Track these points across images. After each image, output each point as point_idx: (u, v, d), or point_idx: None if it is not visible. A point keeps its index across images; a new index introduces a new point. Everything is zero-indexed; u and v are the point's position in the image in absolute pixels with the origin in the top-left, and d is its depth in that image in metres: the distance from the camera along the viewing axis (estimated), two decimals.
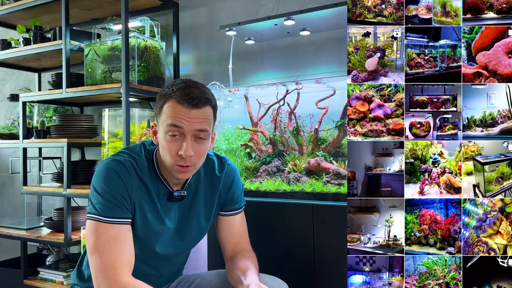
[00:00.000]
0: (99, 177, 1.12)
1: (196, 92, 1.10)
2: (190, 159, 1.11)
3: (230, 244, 1.32)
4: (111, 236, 1.07)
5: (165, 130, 1.10)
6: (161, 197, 1.19)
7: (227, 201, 1.32)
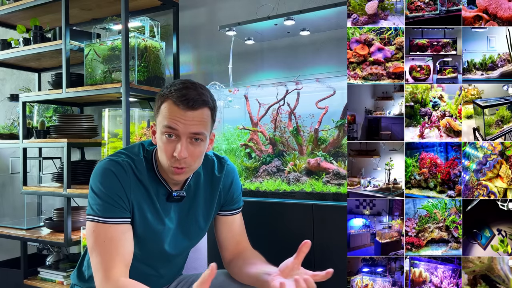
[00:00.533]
0: (96, 177, 1.12)
1: (193, 94, 1.08)
2: (185, 160, 1.10)
3: (231, 244, 1.31)
4: (107, 236, 1.07)
5: (162, 131, 1.10)
6: (160, 197, 1.19)
7: (226, 201, 1.32)
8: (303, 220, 1.56)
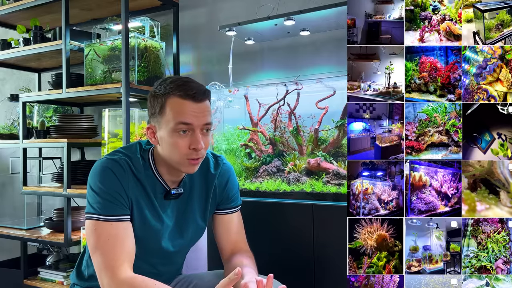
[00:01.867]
0: (95, 176, 1.12)
1: (195, 86, 1.12)
2: (201, 151, 1.13)
3: (228, 243, 1.32)
4: (110, 234, 1.08)
5: (173, 128, 1.10)
6: (158, 195, 1.20)
7: (222, 199, 1.33)
8: (303, 220, 1.56)
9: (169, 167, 1.19)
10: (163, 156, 1.16)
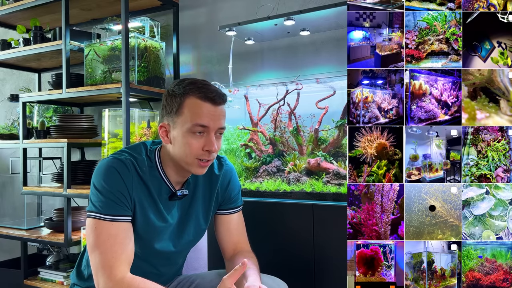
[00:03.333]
0: (100, 175, 1.12)
1: (215, 90, 1.14)
2: (213, 154, 1.15)
3: (230, 243, 1.32)
4: (110, 234, 1.07)
5: (189, 129, 1.11)
6: (163, 196, 1.20)
7: (224, 200, 1.33)
8: (303, 220, 1.56)
9: (177, 168, 1.19)
10: (173, 156, 1.16)
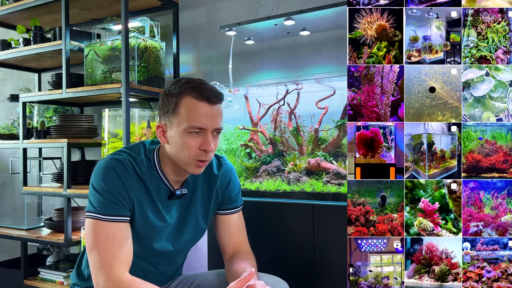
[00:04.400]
0: (98, 175, 1.12)
1: (211, 88, 1.14)
2: (210, 154, 1.15)
3: (229, 243, 1.32)
4: (109, 234, 1.07)
5: (185, 129, 1.11)
6: (161, 195, 1.20)
7: (224, 200, 1.33)
8: (303, 220, 1.56)
9: (175, 167, 1.19)
10: (171, 156, 1.17)
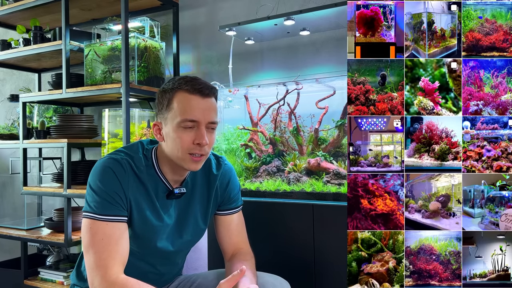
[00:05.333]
0: (95, 175, 1.12)
1: (203, 82, 1.14)
2: (204, 148, 1.14)
3: (229, 244, 1.32)
4: (105, 234, 1.07)
5: (178, 123, 1.11)
6: (160, 194, 1.20)
7: (224, 200, 1.33)
8: (303, 220, 1.56)
9: (172, 166, 1.19)
10: (167, 153, 1.17)
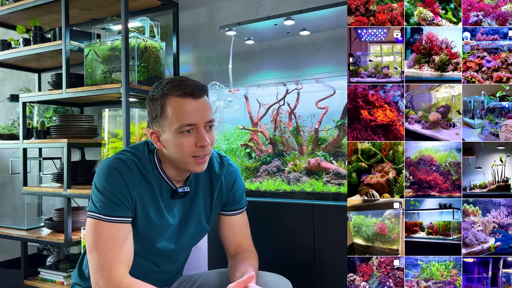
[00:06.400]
0: (101, 175, 1.12)
1: (192, 83, 1.13)
2: (208, 148, 1.14)
3: (232, 243, 1.32)
4: (110, 235, 1.07)
5: (177, 130, 1.10)
6: (164, 194, 1.20)
7: (229, 201, 1.33)
8: (303, 220, 1.56)
9: (175, 168, 1.19)
10: (170, 158, 1.16)
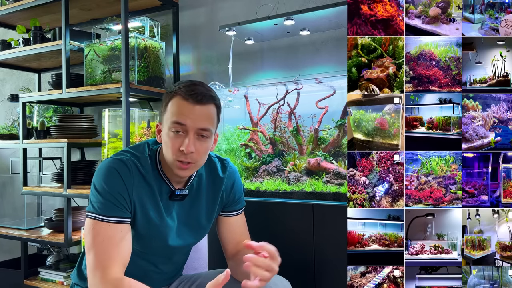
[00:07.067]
0: (100, 176, 1.12)
1: (201, 89, 1.12)
2: (191, 156, 1.11)
3: (231, 244, 1.32)
4: (106, 235, 1.07)
5: (169, 127, 1.11)
6: (163, 195, 1.20)
7: (228, 202, 1.33)
8: (303, 220, 1.56)
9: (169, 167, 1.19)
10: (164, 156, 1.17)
